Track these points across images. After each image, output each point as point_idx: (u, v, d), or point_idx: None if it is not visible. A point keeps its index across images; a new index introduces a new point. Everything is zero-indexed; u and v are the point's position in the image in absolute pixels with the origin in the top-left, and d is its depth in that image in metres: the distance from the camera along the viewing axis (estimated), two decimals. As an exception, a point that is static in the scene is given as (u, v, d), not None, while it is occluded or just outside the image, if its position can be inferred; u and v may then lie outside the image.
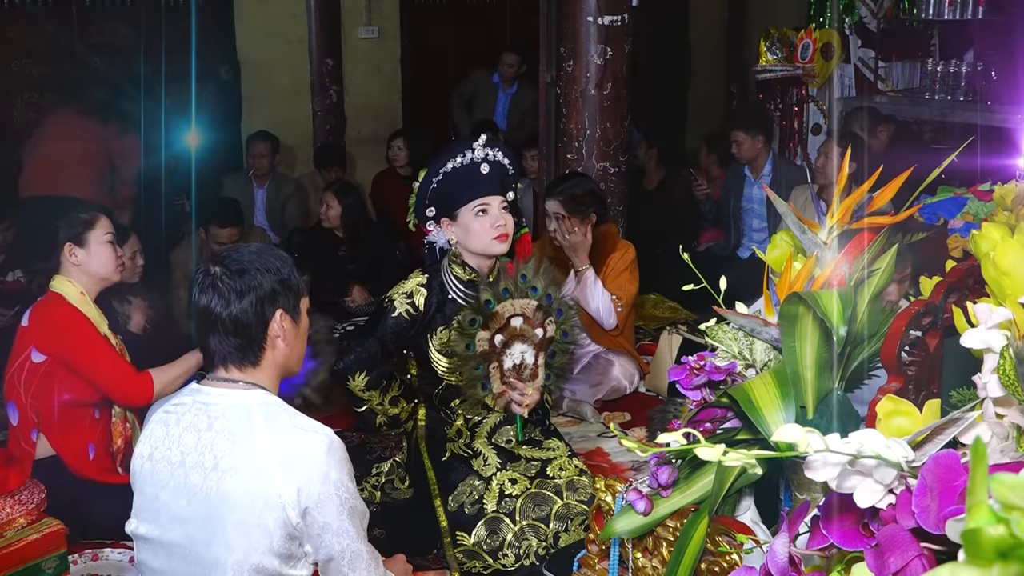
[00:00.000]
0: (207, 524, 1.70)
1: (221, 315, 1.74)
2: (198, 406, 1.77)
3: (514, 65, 6.66)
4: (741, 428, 1.76)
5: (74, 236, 2.85)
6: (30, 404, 2.83)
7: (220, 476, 1.70)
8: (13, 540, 2.58)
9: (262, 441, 1.70)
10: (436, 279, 2.73)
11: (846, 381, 1.76)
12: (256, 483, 1.68)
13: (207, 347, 1.78)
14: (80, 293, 2.84)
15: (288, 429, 1.73)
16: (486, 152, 2.66)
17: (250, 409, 1.75)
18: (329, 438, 1.74)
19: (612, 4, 4.00)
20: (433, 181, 2.66)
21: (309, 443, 1.71)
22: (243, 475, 1.69)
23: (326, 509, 1.70)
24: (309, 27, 6.56)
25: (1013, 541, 0.71)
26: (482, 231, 2.65)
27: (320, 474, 1.69)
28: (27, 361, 2.82)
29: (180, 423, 1.77)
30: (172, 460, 1.75)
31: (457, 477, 2.70)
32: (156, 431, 1.79)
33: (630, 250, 3.81)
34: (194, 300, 1.77)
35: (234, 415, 1.74)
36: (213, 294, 1.74)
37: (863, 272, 1.80)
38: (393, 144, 6.05)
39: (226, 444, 1.72)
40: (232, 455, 1.70)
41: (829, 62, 5.73)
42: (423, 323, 2.70)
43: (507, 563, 2.56)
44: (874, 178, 1.88)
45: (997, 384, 1.19)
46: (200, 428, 1.75)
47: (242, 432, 1.72)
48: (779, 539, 1.23)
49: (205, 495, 1.70)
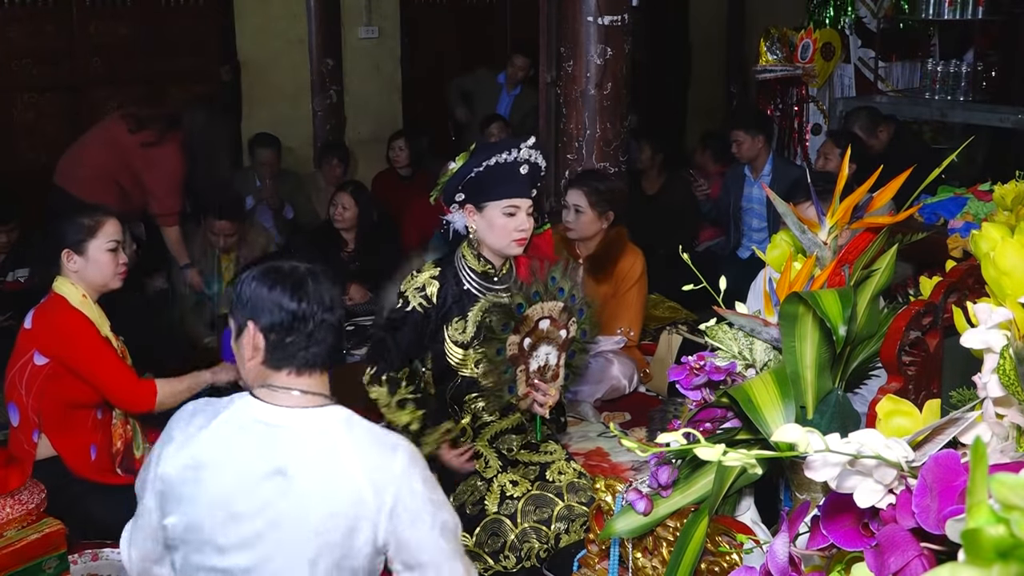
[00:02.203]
0: (287, 547, 1.64)
1: (325, 318, 1.71)
2: (268, 426, 1.68)
3: (523, 68, 6.67)
4: (741, 428, 1.76)
5: (73, 243, 2.82)
6: (31, 406, 2.83)
7: (304, 499, 1.64)
8: (13, 540, 2.58)
9: (348, 461, 1.66)
10: (450, 270, 2.73)
11: (846, 381, 1.76)
12: (344, 504, 1.64)
13: (280, 351, 1.70)
14: (82, 296, 2.83)
15: (372, 446, 1.69)
16: (530, 154, 2.66)
17: (332, 428, 1.69)
18: (409, 449, 1.72)
19: (612, 4, 4.00)
20: (473, 170, 2.65)
21: (392, 456, 1.69)
22: (330, 497, 1.64)
23: (416, 524, 1.68)
24: (309, 27, 6.56)
25: (1013, 541, 0.71)
26: (504, 232, 2.66)
27: (407, 489, 1.67)
28: (29, 363, 2.81)
29: (247, 442, 1.67)
30: (239, 481, 1.65)
31: (458, 476, 2.70)
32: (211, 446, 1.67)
33: (639, 260, 3.82)
34: (278, 297, 1.70)
35: (315, 435, 1.68)
36: (315, 295, 1.71)
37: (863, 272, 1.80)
38: (394, 145, 6.05)
39: (309, 466, 1.65)
40: (317, 477, 1.65)
41: (829, 62, 5.73)
42: (440, 315, 2.70)
43: (508, 565, 2.56)
44: (874, 178, 1.88)
45: (997, 384, 1.19)
46: (275, 450, 1.66)
47: (326, 453, 1.67)
48: (779, 539, 1.23)
49: (285, 519, 1.64)
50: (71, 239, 2.82)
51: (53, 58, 6.15)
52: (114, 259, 2.85)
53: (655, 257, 4.77)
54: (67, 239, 2.82)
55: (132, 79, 6.24)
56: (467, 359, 2.72)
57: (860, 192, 1.86)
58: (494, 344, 2.59)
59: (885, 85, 5.96)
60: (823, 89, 5.81)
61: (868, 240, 1.84)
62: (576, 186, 3.75)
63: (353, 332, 4.68)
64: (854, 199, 1.85)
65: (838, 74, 5.86)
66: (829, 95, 5.83)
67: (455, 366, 2.73)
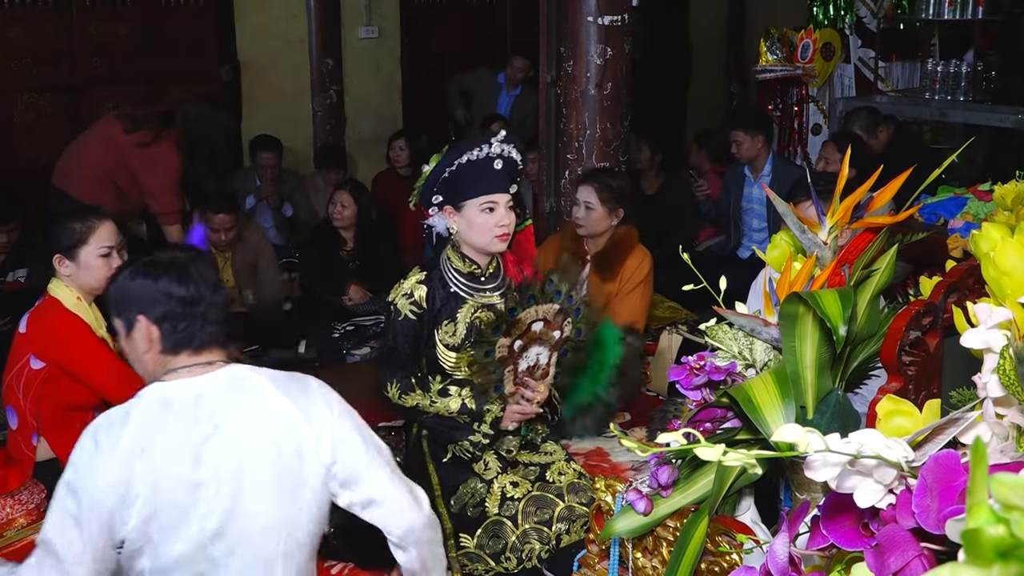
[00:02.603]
0: (242, 497, 1.71)
1: (214, 299, 1.80)
2: (184, 398, 1.74)
3: (523, 70, 6.68)
4: (741, 428, 1.76)
5: (65, 249, 2.79)
6: (29, 409, 2.82)
7: (244, 447, 1.72)
8: (13, 540, 2.58)
9: (274, 398, 1.78)
10: (435, 273, 2.72)
11: (846, 381, 1.76)
12: (284, 438, 1.75)
13: (176, 336, 1.77)
14: (76, 298, 2.81)
15: (282, 378, 1.83)
16: (502, 148, 2.65)
17: (246, 375, 1.80)
18: (318, 380, 1.90)
19: (612, 4, 4.00)
20: (446, 170, 2.65)
21: (307, 384, 1.87)
22: (268, 436, 1.74)
23: (349, 439, 1.84)
24: (309, 27, 6.56)
25: (1013, 541, 0.71)
26: (485, 228, 2.64)
27: (332, 410, 1.85)
28: (26, 367, 2.80)
29: (172, 420, 1.71)
30: (177, 458, 1.69)
31: (458, 479, 2.70)
32: (138, 442, 1.69)
33: (646, 259, 3.82)
34: (166, 286, 1.77)
35: (235, 388, 1.77)
36: (201, 278, 1.80)
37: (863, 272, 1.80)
38: (395, 145, 6.06)
39: (240, 417, 1.74)
40: (251, 424, 1.74)
41: (829, 62, 5.73)
42: (431, 319, 2.69)
43: (509, 567, 2.55)
44: (874, 178, 1.88)
45: (997, 384, 1.19)
46: (202, 415, 1.72)
47: (252, 399, 1.77)
48: (779, 539, 1.23)
49: (233, 472, 1.71)
50: (63, 245, 2.78)
51: (53, 58, 6.15)
52: (107, 264, 2.80)
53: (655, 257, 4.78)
54: (59, 245, 2.79)
55: (132, 79, 6.24)
56: (459, 362, 2.70)
57: (860, 192, 1.86)
58: (483, 347, 2.58)
59: (885, 85, 5.96)
60: (823, 89, 5.82)
61: (868, 240, 1.84)
62: (587, 182, 3.77)
63: (353, 332, 4.69)
64: (854, 199, 1.85)
65: (838, 74, 5.86)
66: (829, 95, 5.83)
67: (449, 370, 2.71)
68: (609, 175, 3.84)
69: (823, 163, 4.75)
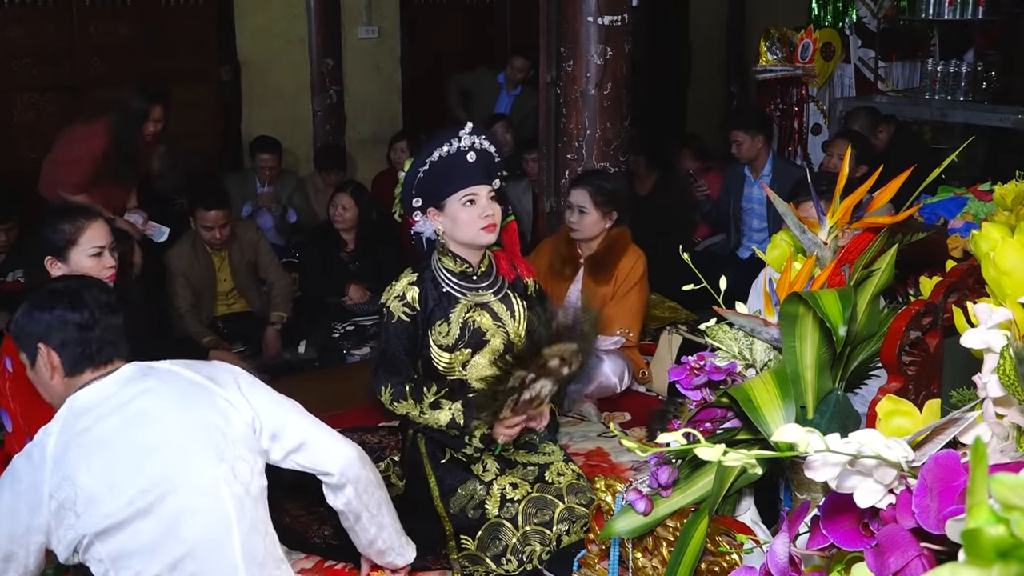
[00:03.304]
0: (180, 462, 1.84)
1: (109, 321, 1.96)
2: (101, 402, 1.87)
3: (523, 70, 6.67)
4: (741, 428, 1.76)
5: (55, 251, 2.75)
6: (20, 412, 2.80)
7: (166, 420, 1.86)
8: (13, 540, 2.57)
9: (182, 372, 1.95)
10: (427, 274, 2.71)
11: (846, 381, 1.76)
12: (200, 399, 1.91)
13: (75, 359, 1.92)
14: None
15: (192, 362, 2.01)
16: (472, 140, 2.63)
17: (150, 365, 1.94)
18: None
19: (612, 4, 4.00)
20: (419, 171, 2.64)
21: (213, 363, 2.09)
22: (184, 403, 1.89)
23: (260, 392, 2.03)
24: (309, 27, 6.56)
25: (1013, 541, 0.71)
26: (469, 222, 2.63)
27: (234, 371, 2.06)
28: (5, 371, 2.77)
29: (99, 426, 1.84)
30: (111, 456, 1.81)
31: (456, 480, 2.69)
32: (68, 457, 1.81)
33: (640, 261, 3.81)
34: (60, 314, 1.93)
35: (143, 377, 1.92)
36: (94, 302, 1.96)
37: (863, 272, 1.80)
38: (396, 146, 6.04)
39: (154, 397, 1.88)
40: (166, 400, 1.87)
41: (829, 62, 5.73)
42: (424, 320, 2.68)
43: (510, 568, 2.55)
44: (874, 178, 1.89)
45: (997, 384, 1.19)
46: (121, 410, 1.85)
47: (162, 381, 1.91)
48: (779, 539, 1.23)
49: (162, 445, 1.84)
50: (53, 246, 2.75)
51: (53, 58, 6.15)
52: (99, 264, 2.77)
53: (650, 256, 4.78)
54: (49, 246, 2.75)
55: (132, 79, 6.23)
56: (454, 362, 2.69)
57: (860, 192, 1.86)
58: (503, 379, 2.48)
59: (885, 85, 5.97)
60: (823, 89, 5.82)
61: (868, 240, 1.85)
62: (580, 186, 3.75)
63: (353, 332, 4.69)
64: (854, 199, 1.85)
65: (838, 74, 5.86)
66: (829, 95, 5.83)
67: (443, 371, 2.70)
68: (602, 177, 3.81)
69: (829, 159, 4.73)
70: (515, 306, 2.79)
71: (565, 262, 3.84)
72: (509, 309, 2.77)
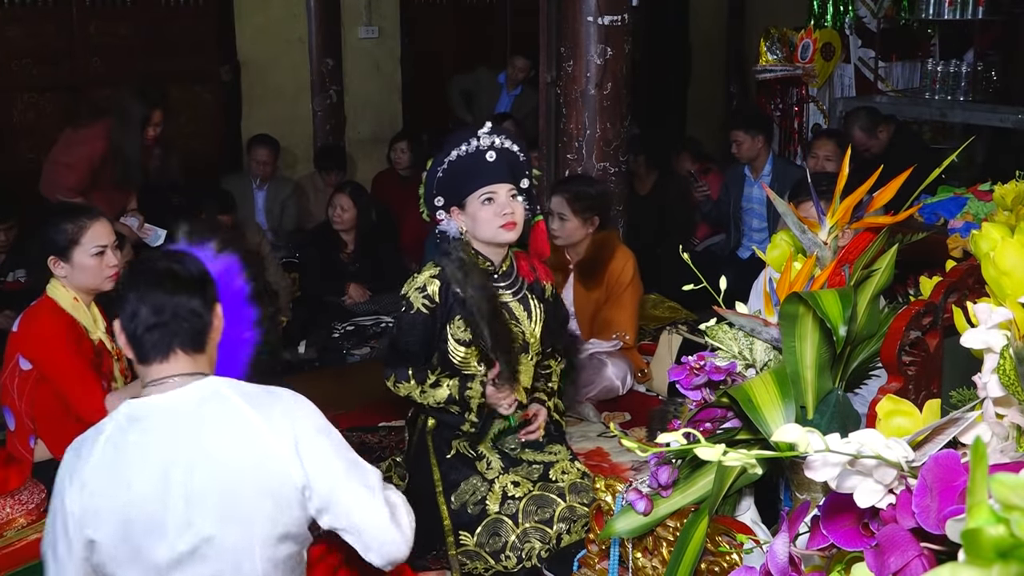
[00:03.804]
0: (221, 514, 1.68)
1: (181, 300, 1.75)
2: (161, 414, 1.72)
3: (524, 70, 6.68)
4: (741, 428, 1.76)
5: (58, 251, 2.75)
6: (24, 411, 2.80)
7: (218, 465, 1.68)
8: (13, 540, 2.58)
9: (247, 415, 1.72)
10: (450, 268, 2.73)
11: (846, 381, 1.76)
12: (258, 456, 1.69)
13: (147, 340, 1.74)
14: (73, 299, 2.78)
15: (261, 395, 1.76)
16: (492, 140, 2.65)
17: (220, 392, 1.74)
18: (294, 394, 1.80)
19: (612, 4, 4.00)
20: (439, 170, 2.66)
21: (279, 399, 1.77)
22: (242, 454, 1.69)
23: (321, 457, 1.74)
24: (309, 27, 6.56)
25: (1013, 541, 0.71)
26: (489, 219, 2.64)
27: (303, 425, 1.75)
28: (17, 367, 2.77)
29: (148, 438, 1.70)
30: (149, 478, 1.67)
31: (460, 476, 2.70)
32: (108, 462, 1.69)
33: (630, 262, 3.79)
34: (137, 292, 1.75)
35: (208, 404, 1.73)
36: (168, 281, 1.75)
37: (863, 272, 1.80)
38: (396, 147, 6.04)
39: (213, 433, 1.70)
40: (224, 440, 1.69)
41: (829, 62, 5.73)
42: (444, 313, 2.70)
43: (509, 565, 2.55)
44: (874, 178, 1.89)
45: (997, 384, 1.19)
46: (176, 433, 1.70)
47: (225, 416, 1.72)
48: (779, 539, 1.23)
49: (209, 490, 1.68)
50: (56, 246, 2.75)
51: (53, 58, 6.15)
52: (101, 263, 2.77)
53: (651, 256, 4.78)
54: (52, 246, 2.75)
55: (131, 80, 6.23)
56: (470, 357, 2.72)
57: (860, 192, 1.86)
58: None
59: (885, 85, 5.97)
60: (823, 89, 5.82)
61: (868, 240, 1.85)
62: (558, 193, 3.72)
63: (353, 332, 4.68)
64: (854, 199, 1.85)
65: (838, 74, 5.86)
66: (829, 95, 5.83)
67: (459, 365, 2.72)
68: (581, 182, 3.77)
69: (814, 160, 4.68)
70: (532, 307, 2.82)
71: (554, 269, 3.84)
72: (527, 309, 2.81)
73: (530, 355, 2.83)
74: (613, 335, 3.77)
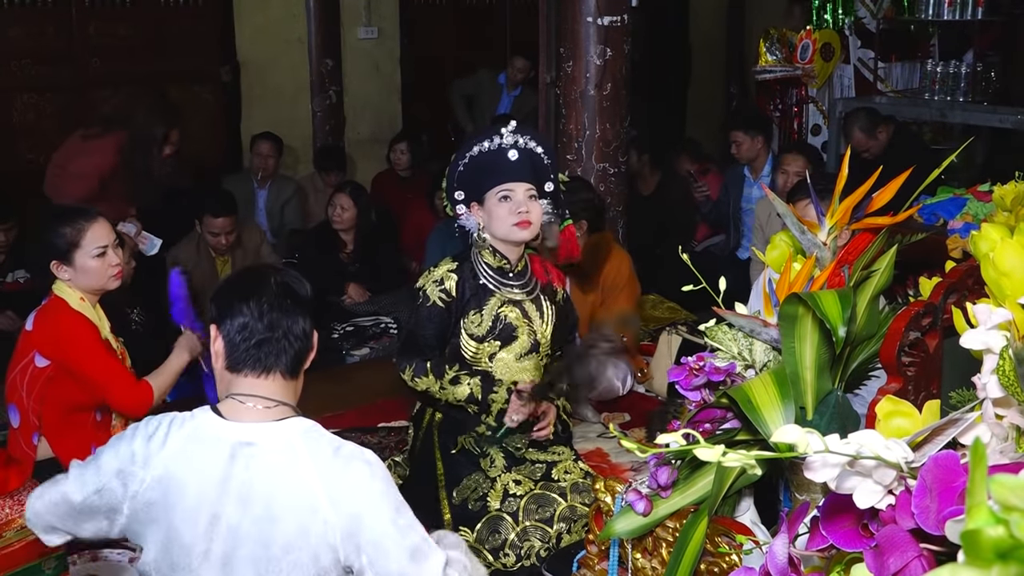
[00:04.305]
0: (255, 566, 1.62)
1: (295, 320, 1.73)
2: (228, 443, 1.66)
3: (524, 70, 6.69)
4: (740, 429, 1.76)
5: (59, 255, 2.75)
6: (32, 408, 2.81)
7: (266, 517, 1.62)
8: (13, 541, 2.58)
9: (308, 476, 1.63)
10: (467, 264, 2.75)
11: (846, 382, 1.76)
12: (307, 520, 1.62)
13: (251, 352, 1.70)
14: (80, 299, 2.81)
15: (332, 459, 1.66)
16: (516, 139, 2.66)
17: (292, 442, 1.67)
18: (371, 464, 1.69)
19: (612, 4, 4.00)
20: (460, 164, 2.68)
21: (348, 468, 1.66)
22: (293, 513, 1.62)
23: (381, 546, 1.64)
24: (309, 27, 6.56)
25: (1012, 542, 0.71)
26: (504, 216, 2.65)
27: (367, 505, 1.64)
28: (30, 365, 2.79)
29: (208, 460, 1.65)
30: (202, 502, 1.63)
31: (463, 472, 2.71)
32: (173, 467, 1.65)
33: (625, 263, 3.79)
34: (252, 303, 1.71)
35: (275, 451, 1.66)
36: (274, 302, 1.72)
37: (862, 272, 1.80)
38: (396, 148, 6.04)
39: (270, 482, 1.63)
40: (278, 494, 1.63)
41: (829, 63, 5.73)
42: (459, 308, 2.71)
43: (508, 563, 2.56)
44: (873, 178, 1.89)
45: (996, 385, 1.19)
46: (236, 468, 1.64)
47: (287, 469, 1.64)
48: (778, 540, 1.23)
49: (250, 537, 1.62)
50: (57, 251, 2.75)
51: (53, 58, 6.15)
52: (104, 263, 2.77)
53: (652, 256, 4.77)
54: (53, 251, 2.75)
55: (132, 79, 6.24)
56: (481, 353, 2.73)
57: (859, 193, 1.86)
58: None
59: (885, 86, 5.97)
60: (823, 90, 5.82)
61: (867, 241, 1.85)
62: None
63: (352, 332, 4.68)
64: (853, 200, 1.85)
65: (837, 75, 5.87)
66: (829, 96, 5.84)
67: (470, 360, 2.74)
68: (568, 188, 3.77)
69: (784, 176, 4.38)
70: (545, 308, 2.84)
71: None
72: (539, 310, 2.82)
73: (540, 355, 2.84)
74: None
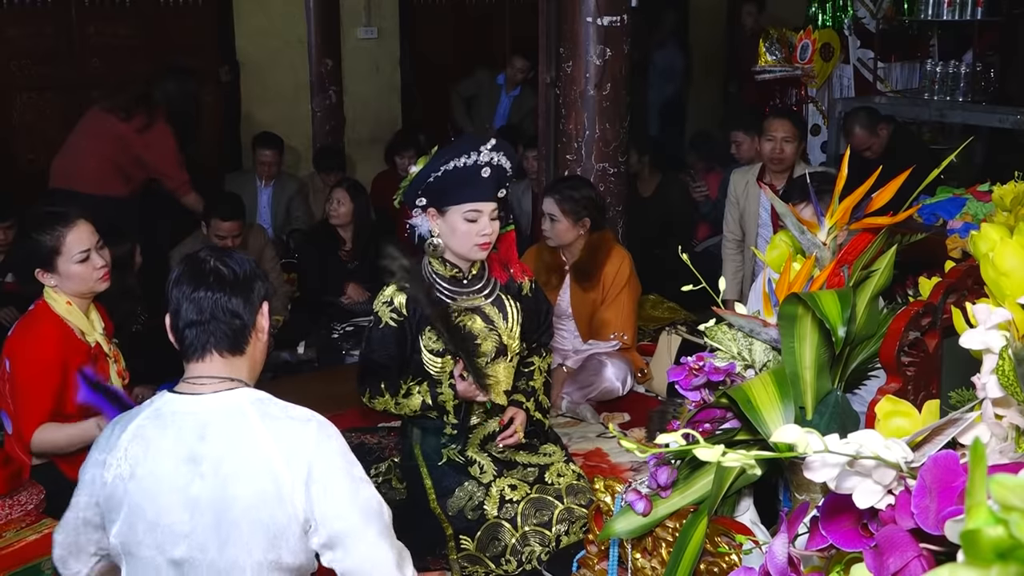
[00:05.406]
0: (218, 532, 1.67)
1: (221, 300, 1.74)
2: (182, 416, 1.72)
3: (523, 70, 6.69)
4: (740, 429, 1.76)
5: (42, 263, 2.71)
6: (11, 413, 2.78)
7: (223, 482, 1.67)
8: (12, 541, 2.58)
9: (260, 438, 1.69)
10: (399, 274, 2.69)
11: (845, 381, 1.76)
12: (263, 481, 1.67)
13: (187, 336, 1.75)
14: (67, 303, 2.75)
15: (284, 420, 1.73)
16: (491, 156, 2.61)
17: (242, 408, 1.72)
18: (322, 424, 1.75)
19: (612, 4, 4.00)
20: (431, 175, 2.61)
21: (304, 428, 1.73)
22: (248, 476, 1.67)
23: (331, 494, 1.70)
24: (309, 27, 6.56)
25: (1012, 542, 0.71)
26: (467, 236, 2.63)
27: (320, 459, 1.70)
28: (4, 371, 2.75)
29: (165, 436, 1.70)
30: (160, 475, 1.68)
31: (454, 482, 2.69)
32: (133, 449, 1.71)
33: (625, 262, 3.79)
34: (182, 289, 1.75)
35: (226, 417, 1.71)
36: (212, 280, 1.75)
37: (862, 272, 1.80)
38: (405, 155, 5.99)
39: (223, 448, 1.68)
40: (233, 458, 1.68)
41: (828, 63, 5.73)
42: (414, 325, 2.67)
43: (509, 569, 2.55)
44: (873, 178, 1.89)
45: (996, 385, 1.19)
46: (190, 438, 1.69)
47: (239, 433, 1.70)
48: (778, 540, 1.23)
49: (209, 505, 1.67)
50: (39, 259, 2.70)
51: (53, 58, 6.15)
52: (88, 267, 2.72)
53: (652, 257, 4.77)
54: (35, 259, 2.71)
55: (132, 79, 6.23)
56: (445, 367, 2.67)
57: (859, 193, 1.86)
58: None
59: (884, 86, 5.97)
60: (822, 90, 5.82)
61: (867, 241, 1.85)
62: (548, 194, 3.73)
63: (352, 332, 4.68)
64: (853, 200, 1.85)
65: (837, 75, 5.86)
66: (828, 96, 5.83)
67: (436, 376, 2.69)
68: (571, 185, 3.76)
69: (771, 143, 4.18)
70: (508, 308, 2.78)
71: (550, 271, 3.84)
72: (501, 311, 2.77)
73: (508, 357, 2.78)
74: (611, 335, 3.77)
